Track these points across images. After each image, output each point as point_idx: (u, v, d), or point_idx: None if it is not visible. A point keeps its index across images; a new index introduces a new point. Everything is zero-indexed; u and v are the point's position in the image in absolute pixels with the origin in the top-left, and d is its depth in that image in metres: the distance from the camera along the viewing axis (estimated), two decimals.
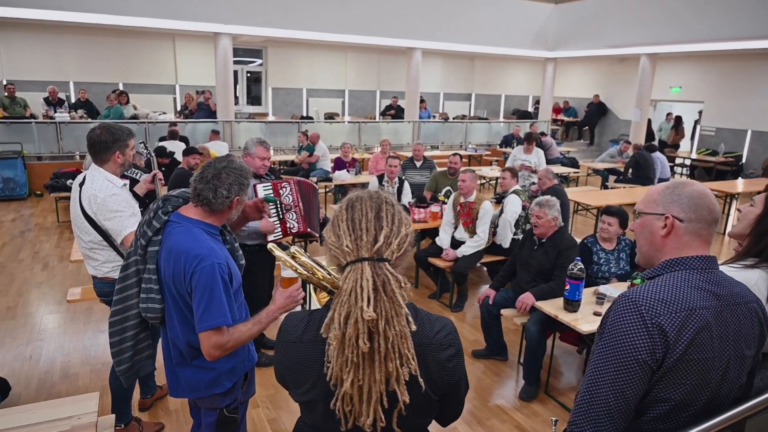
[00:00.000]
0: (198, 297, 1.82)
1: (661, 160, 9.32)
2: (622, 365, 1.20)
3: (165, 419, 3.21)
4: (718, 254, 6.94)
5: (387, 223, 1.16)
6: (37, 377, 3.63)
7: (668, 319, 1.20)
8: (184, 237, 1.88)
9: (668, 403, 1.23)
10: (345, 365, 1.10)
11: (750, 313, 1.32)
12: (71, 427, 1.98)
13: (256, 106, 14.67)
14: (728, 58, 12.82)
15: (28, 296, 4.96)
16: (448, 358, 1.21)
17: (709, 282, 1.29)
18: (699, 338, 1.21)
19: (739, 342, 1.29)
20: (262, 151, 3.57)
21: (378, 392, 1.11)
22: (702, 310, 1.23)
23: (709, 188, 1.38)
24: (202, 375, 1.99)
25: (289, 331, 1.26)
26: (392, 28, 12.18)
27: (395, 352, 1.10)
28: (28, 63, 11.68)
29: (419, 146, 7.23)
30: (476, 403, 3.52)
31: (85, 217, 2.59)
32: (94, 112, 10.98)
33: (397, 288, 1.12)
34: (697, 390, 1.24)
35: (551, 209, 3.75)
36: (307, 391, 1.22)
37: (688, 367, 1.22)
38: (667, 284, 1.27)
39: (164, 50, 13.12)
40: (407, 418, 1.18)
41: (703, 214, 1.33)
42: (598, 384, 1.22)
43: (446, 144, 13.91)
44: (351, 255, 1.14)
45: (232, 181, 1.92)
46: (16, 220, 7.59)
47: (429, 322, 1.22)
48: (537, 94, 17.34)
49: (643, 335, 1.20)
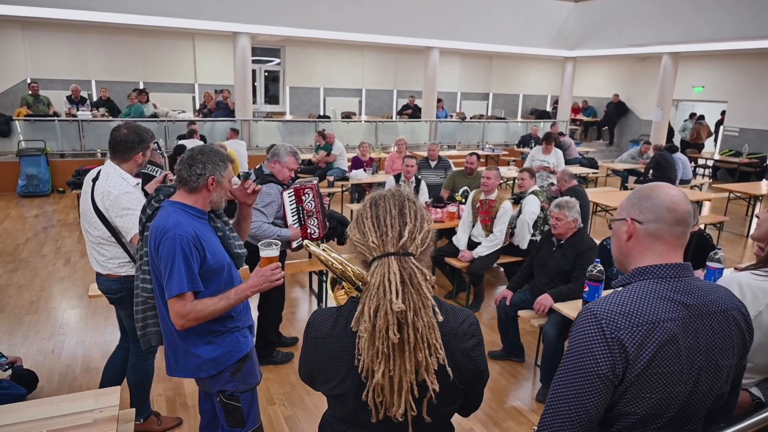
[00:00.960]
0: (163, 267, 1.95)
1: (683, 161, 9.16)
2: (583, 379, 1.18)
3: (183, 414, 3.24)
4: (741, 257, 6.80)
5: (410, 219, 1.21)
6: (59, 371, 3.69)
7: (628, 333, 1.17)
8: (159, 216, 2.02)
9: (635, 416, 1.20)
10: (376, 357, 1.14)
11: (727, 322, 1.26)
12: (93, 420, 2.02)
13: (273, 105, 14.76)
14: (752, 57, 12.55)
15: (51, 291, 5.06)
16: (472, 347, 1.25)
17: (677, 291, 1.23)
18: (663, 352, 1.17)
19: (713, 352, 1.23)
20: (293, 162, 3.54)
21: (408, 382, 1.15)
22: (667, 322, 1.19)
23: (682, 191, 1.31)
24: (188, 359, 2.09)
25: (318, 327, 1.29)
26: (410, 28, 12.15)
27: (424, 342, 1.14)
28: (51, 62, 11.90)
29: (434, 146, 7.22)
30: (492, 404, 3.50)
31: (96, 212, 2.61)
32: (115, 110, 11.15)
33: (423, 280, 1.16)
34: (665, 403, 1.20)
35: (571, 210, 3.71)
36: (338, 384, 1.25)
37: (653, 381, 1.18)
38: (631, 296, 1.23)
39: (184, 49, 13.26)
40: (435, 406, 1.21)
41: (661, 213, 1.27)
42: (561, 397, 1.21)
43: (463, 144, 13.84)
44: (377, 250, 1.18)
45: (206, 160, 2.04)
46: (39, 216, 7.74)
47: (453, 313, 1.27)
48: (555, 94, 17.17)
49: (603, 349, 1.17)
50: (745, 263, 2.00)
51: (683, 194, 1.31)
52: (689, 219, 1.29)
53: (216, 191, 2.09)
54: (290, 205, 3.48)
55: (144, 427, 2.99)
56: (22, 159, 8.93)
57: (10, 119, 9.46)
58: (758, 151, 12.46)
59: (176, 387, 3.54)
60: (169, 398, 3.43)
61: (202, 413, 2.49)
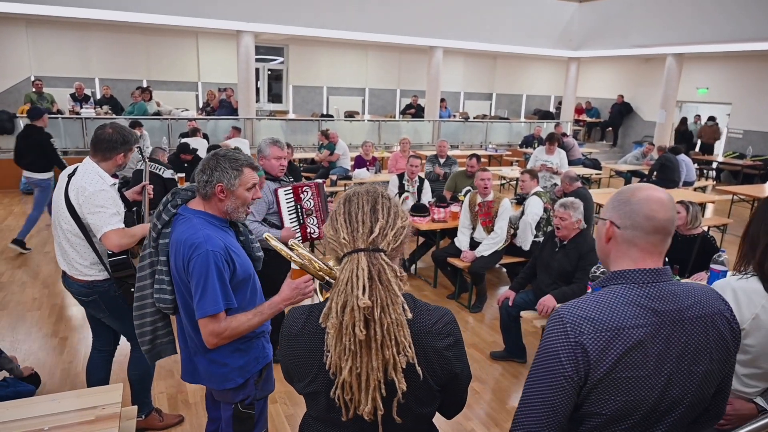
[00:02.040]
0: (194, 285, 1.86)
1: (687, 162, 9.13)
2: (550, 379, 1.21)
3: (185, 411, 3.25)
4: None
5: (383, 215, 1.20)
6: (61, 367, 3.70)
7: (591, 338, 1.18)
8: (184, 227, 1.91)
9: (601, 417, 1.22)
10: (343, 353, 1.13)
11: (704, 327, 1.24)
12: (95, 417, 2.02)
13: (276, 104, 14.77)
14: (757, 59, 12.51)
15: (54, 288, 5.06)
16: (446, 347, 1.23)
17: (649, 297, 1.22)
18: (627, 358, 1.18)
19: (684, 358, 1.22)
20: (276, 150, 3.41)
21: (376, 380, 1.13)
22: (633, 329, 1.19)
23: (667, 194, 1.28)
24: (214, 369, 2.02)
25: (291, 324, 1.29)
26: (414, 27, 12.15)
27: (391, 339, 1.13)
28: (55, 59, 11.92)
29: (444, 143, 7.23)
30: (494, 405, 3.50)
31: (67, 206, 2.57)
32: (119, 108, 11.17)
33: (393, 277, 1.15)
34: (630, 406, 1.21)
35: (575, 211, 3.70)
36: (310, 382, 1.26)
37: (617, 385, 1.19)
38: (599, 301, 1.23)
39: (187, 48, 13.28)
40: (408, 407, 1.20)
41: (639, 221, 1.25)
42: (531, 397, 1.24)
43: (466, 144, 13.83)
44: (347, 246, 1.17)
45: (214, 166, 1.93)
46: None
47: (428, 311, 1.25)
48: (559, 94, 17.15)
49: (567, 351, 1.19)
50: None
51: (667, 201, 1.26)
52: (669, 227, 1.26)
53: (228, 200, 1.96)
54: (287, 203, 3.40)
55: (146, 424, 2.99)
56: None
57: (14, 116, 9.49)
58: (762, 154, 12.42)
59: (178, 385, 3.54)
60: (170, 396, 3.43)
61: (211, 420, 2.42)
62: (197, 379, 2.10)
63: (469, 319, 4.79)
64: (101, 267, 2.67)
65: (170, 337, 2.28)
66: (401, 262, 1.29)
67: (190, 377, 2.11)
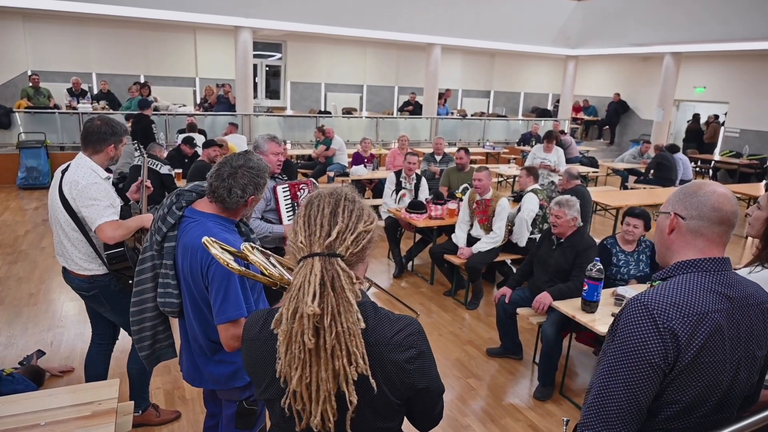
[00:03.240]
0: (215, 289, 1.84)
1: (684, 161, 9.16)
2: (635, 368, 1.21)
3: (181, 407, 3.25)
4: (740, 257, 6.81)
5: (343, 218, 1.15)
6: (58, 363, 3.70)
7: (680, 323, 1.20)
8: (199, 231, 1.87)
9: (679, 405, 1.25)
10: (292, 361, 1.09)
11: (762, 314, 1.31)
12: (92, 413, 2.02)
13: (274, 100, 14.74)
14: (754, 58, 12.53)
15: (50, 283, 5.06)
16: (407, 359, 1.16)
17: (720, 284, 1.28)
18: (710, 342, 1.22)
19: (751, 343, 1.29)
20: (275, 146, 3.42)
21: (326, 391, 1.09)
22: (714, 313, 1.23)
23: (730, 191, 1.34)
24: (222, 369, 2.02)
25: (249, 328, 1.26)
26: (412, 24, 12.13)
27: (342, 349, 1.08)
28: (52, 54, 11.87)
29: (440, 140, 7.23)
30: (490, 401, 3.51)
31: (62, 201, 2.58)
32: (116, 103, 11.13)
33: (348, 284, 1.10)
34: (708, 391, 1.24)
35: (571, 209, 3.71)
36: (265, 389, 1.22)
37: (699, 370, 1.22)
38: (679, 287, 1.26)
39: (185, 43, 13.23)
40: (366, 420, 1.16)
41: (705, 211, 1.31)
42: (611, 386, 1.23)
43: (464, 141, 13.83)
44: (304, 250, 1.13)
45: (247, 182, 1.90)
46: (39, 209, 7.74)
47: (389, 322, 1.19)
48: (557, 92, 17.14)
49: (655, 339, 1.20)
50: (743, 263, 2.01)
51: (731, 195, 1.32)
52: (733, 220, 1.31)
53: (251, 206, 1.99)
54: (285, 200, 3.41)
55: (142, 420, 2.99)
56: (22, 151, 8.91)
57: (11, 111, 9.44)
58: (758, 153, 12.45)
59: (175, 380, 3.54)
60: (167, 391, 3.43)
61: (210, 415, 2.42)
62: (202, 383, 2.10)
63: (465, 316, 4.80)
64: (100, 261, 2.68)
65: (170, 341, 2.27)
66: (366, 267, 1.25)
67: (192, 379, 2.11)
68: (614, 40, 13.36)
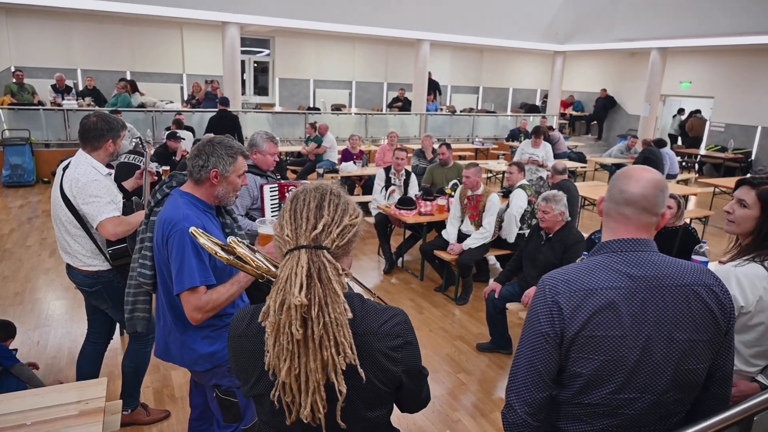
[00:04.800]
0: (172, 260, 1.91)
1: (670, 155, 9.25)
2: (531, 337, 1.32)
3: (171, 406, 3.23)
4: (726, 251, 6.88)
5: (329, 212, 1.17)
6: (44, 362, 3.66)
7: (565, 297, 1.29)
8: (169, 206, 1.98)
9: (583, 378, 1.30)
10: (281, 353, 1.10)
11: (686, 296, 1.29)
12: (79, 412, 2.00)
13: (263, 97, 14.64)
14: (739, 53, 12.67)
15: (36, 282, 5.00)
16: (394, 348, 1.20)
17: (625, 263, 1.31)
18: (600, 316, 1.27)
19: (664, 323, 1.28)
20: (273, 147, 3.40)
21: (315, 381, 1.10)
22: (605, 290, 1.28)
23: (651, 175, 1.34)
24: (185, 352, 2.08)
25: (235, 325, 1.27)
26: (401, 20, 12.10)
27: (330, 339, 1.09)
28: (36, 50, 11.68)
29: (427, 138, 7.24)
30: (480, 395, 3.53)
31: (63, 198, 2.59)
32: (102, 100, 10.99)
33: (335, 275, 1.12)
34: (610, 366, 1.28)
35: (558, 204, 3.73)
36: (254, 385, 1.23)
37: (593, 344, 1.27)
38: (578, 267, 1.35)
39: (172, 39, 13.09)
40: (356, 410, 1.19)
41: (613, 193, 1.37)
42: (518, 356, 1.35)
43: (453, 137, 13.85)
44: (290, 243, 1.15)
45: (210, 152, 1.98)
46: (24, 207, 7.64)
47: (376, 312, 1.22)
48: (545, 88, 17.22)
49: (543, 309, 1.31)
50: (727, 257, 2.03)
51: (644, 177, 1.33)
52: (641, 201, 1.32)
53: (221, 185, 2.02)
54: (271, 199, 3.37)
55: (131, 419, 2.98)
56: (6, 148, 8.79)
57: None
58: (743, 147, 12.61)
59: (164, 379, 3.52)
60: (156, 390, 3.41)
61: (193, 407, 2.46)
62: (170, 357, 2.14)
63: (455, 312, 4.82)
64: (103, 257, 2.71)
65: (146, 315, 2.34)
66: (350, 261, 1.27)
67: (163, 354, 2.16)
68: (601, 35, 13.45)
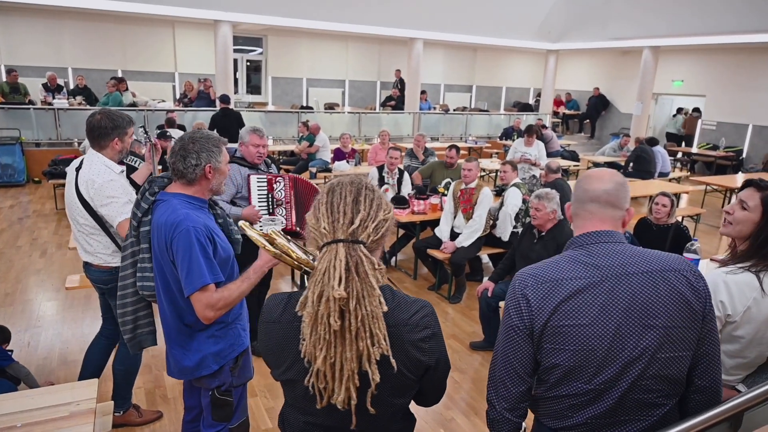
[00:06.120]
0: (179, 262, 1.89)
1: (662, 154, 9.30)
2: (504, 333, 1.39)
3: (163, 407, 3.22)
4: (717, 249, 6.94)
5: (365, 207, 1.20)
6: (36, 364, 3.63)
7: (533, 289, 1.35)
8: (163, 209, 1.95)
9: (560, 369, 1.33)
10: (318, 342, 1.14)
11: (654, 282, 1.32)
12: (69, 413, 1.99)
13: (255, 95, 14.59)
14: (731, 52, 12.76)
15: (27, 283, 4.96)
16: (423, 339, 1.24)
17: (590, 255, 1.37)
18: (567, 306, 1.31)
19: (633, 311, 1.30)
20: (256, 138, 3.54)
21: (350, 370, 1.14)
22: (570, 280, 1.33)
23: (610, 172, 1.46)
24: (189, 357, 2.04)
25: (269, 311, 1.31)
26: (394, 18, 12.09)
27: (366, 331, 1.13)
28: (26, 48, 11.58)
29: (419, 137, 7.23)
30: (473, 394, 3.54)
31: (80, 200, 2.59)
32: (93, 98, 10.91)
33: (371, 269, 1.15)
34: (583, 355, 1.31)
35: (550, 202, 3.74)
36: (286, 370, 1.27)
37: (563, 333, 1.31)
38: (548, 261, 1.41)
39: (164, 37, 13.02)
40: (383, 397, 1.22)
41: (578, 193, 1.46)
42: (495, 354, 1.42)
43: (447, 136, 13.86)
44: (327, 237, 1.18)
45: (199, 149, 1.96)
46: (14, 207, 7.58)
47: (405, 304, 1.25)
48: (538, 87, 17.27)
49: (513, 303, 1.37)
50: (721, 254, 2.01)
51: (602, 175, 1.45)
52: (603, 196, 1.41)
53: (215, 178, 2.03)
54: (259, 189, 3.47)
55: (123, 420, 2.96)
56: None
57: None
58: (735, 145, 12.70)
59: (156, 380, 3.51)
60: (148, 391, 3.40)
61: (188, 408, 2.43)
62: (171, 372, 2.12)
63: (448, 310, 4.82)
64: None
65: (151, 328, 2.30)
66: (382, 254, 1.30)
67: (171, 371, 2.13)
68: (594, 34, 13.50)
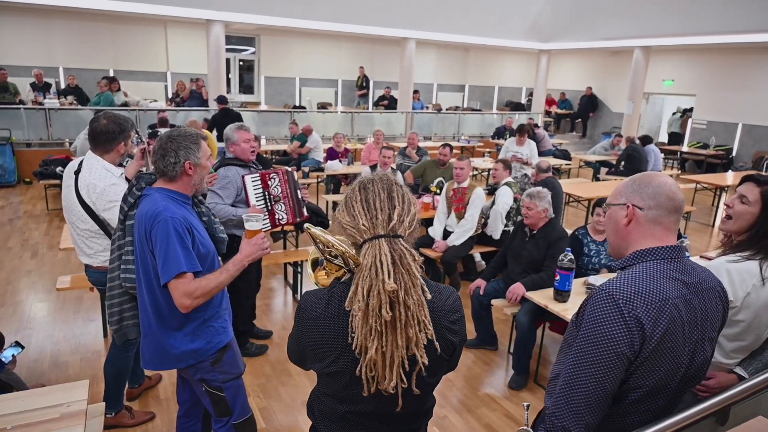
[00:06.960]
0: (157, 251, 1.93)
1: (655, 152, 9.36)
2: (602, 358, 1.23)
3: (156, 408, 3.21)
4: (707, 246, 7.00)
5: (399, 202, 1.26)
6: (27, 365, 3.61)
7: (644, 311, 1.23)
8: (146, 202, 2.01)
9: (643, 389, 1.29)
10: (369, 334, 1.19)
11: (714, 297, 1.37)
12: (60, 415, 1.98)
13: (248, 95, 14.55)
14: (721, 52, 12.86)
15: (17, 284, 4.92)
16: (454, 321, 1.34)
17: (678, 271, 1.32)
18: (671, 327, 1.26)
19: (706, 326, 1.34)
20: (244, 134, 3.50)
21: (399, 357, 1.21)
22: (674, 299, 1.27)
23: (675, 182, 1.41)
24: (166, 352, 2.07)
25: (310, 308, 1.34)
26: (386, 18, 12.09)
27: (414, 319, 1.21)
28: (16, 47, 11.49)
29: (413, 135, 7.23)
30: (466, 391, 3.55)
31: (81, 205, 2.58)
32: (84, 98, 10.84)
33: (412, 261, 1.22)
34: (670, 375, 1.30)
35: (541, 201, 3.76)
36: (333, 362, 1.31)
37: (662, 356, 1.26)
38: (641, 275, 1.29)
39: (156, 37, 12.95)
40: (422, 378, 1.29)
41: (662, 201, 1.36)
42: (579, 377, 1.26)
43: (439, 135, 13.89)
44: (368, 233, 1.23)
45: (177, 147, 2.00)
46: (5, 208, 7.52)
47: (438, 291, 1.33)
48: (530, 86, 17.33)
49: (621, 328, 1.22)
50: (711, 251, 2.06)
51: (677, 185, 1.40)
52: (683, 207, 1.39)
53: (196, 174, 2.06)
54: (255, 189, 3.42)
55: (115, 422, 2.95)
56: None
57: None
58: (725, 144, 12.81)
59: (148, 381, 3.49)
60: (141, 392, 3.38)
61: (181, 403, 2.45)
62: (153, 363, 2.13)
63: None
64: None
65: (136, 320, 2.34)
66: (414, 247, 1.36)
67: (146, 363, 2.15)
68: (585, 34, 13.57)
